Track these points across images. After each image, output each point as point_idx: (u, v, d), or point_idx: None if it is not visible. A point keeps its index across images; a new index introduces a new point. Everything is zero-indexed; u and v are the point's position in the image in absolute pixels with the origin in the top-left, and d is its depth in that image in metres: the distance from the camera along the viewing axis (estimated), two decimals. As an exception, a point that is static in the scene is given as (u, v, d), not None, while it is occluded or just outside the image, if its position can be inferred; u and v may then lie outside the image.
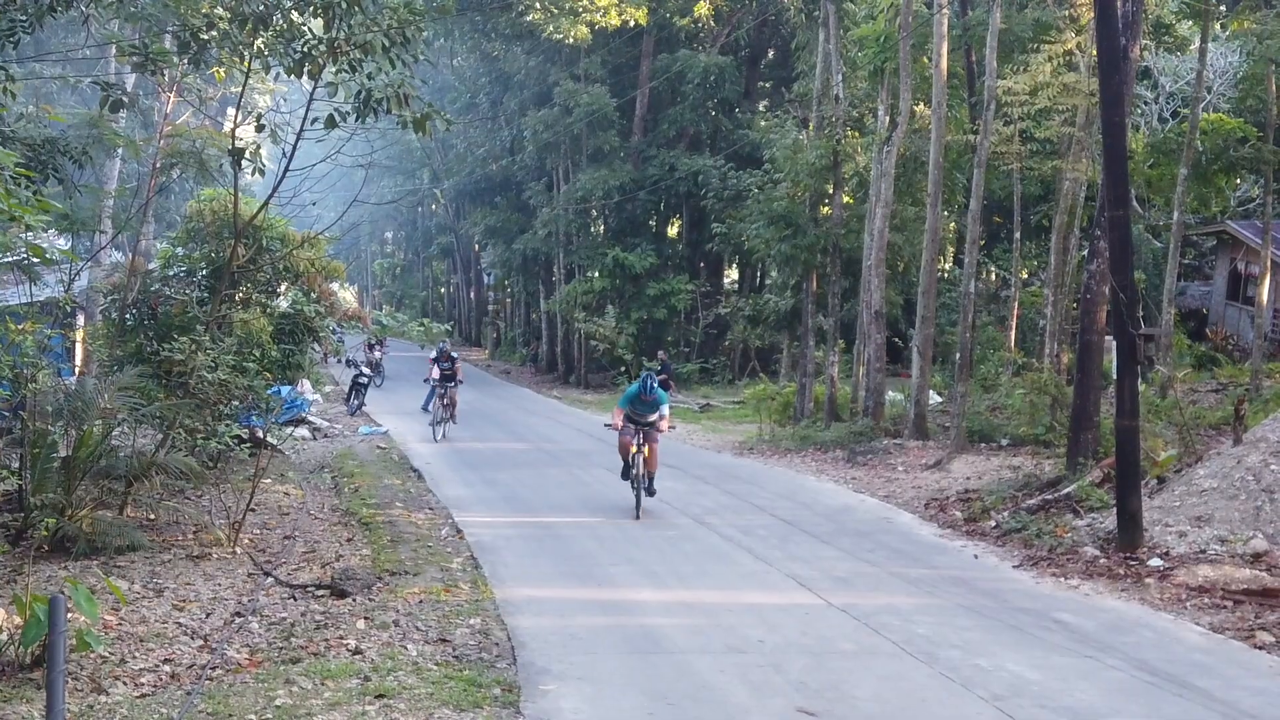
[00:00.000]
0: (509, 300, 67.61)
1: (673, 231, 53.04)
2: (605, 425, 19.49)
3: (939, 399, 30.07)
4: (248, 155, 16.57)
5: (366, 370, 36.88)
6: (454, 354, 30.22)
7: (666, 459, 25.12)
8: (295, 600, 12.79)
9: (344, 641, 10.93)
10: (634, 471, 18.43)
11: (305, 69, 15.57)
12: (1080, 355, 19.22)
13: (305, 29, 16.06)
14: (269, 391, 19.88)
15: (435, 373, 29.24)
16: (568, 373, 50.81)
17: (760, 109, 49.92)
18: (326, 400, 38.40)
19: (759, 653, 10.74)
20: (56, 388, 15.34)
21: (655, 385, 18.62)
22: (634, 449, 18.39)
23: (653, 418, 18.75)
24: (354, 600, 12.62)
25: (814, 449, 26.80)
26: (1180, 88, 29.07)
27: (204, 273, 21.16)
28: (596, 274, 48.34)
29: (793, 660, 10.50)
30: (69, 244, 19.39)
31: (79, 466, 14.78)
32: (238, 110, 18.42)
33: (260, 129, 16.39)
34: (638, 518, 17.80)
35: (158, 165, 20.23)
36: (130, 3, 15.94)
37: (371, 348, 43.65)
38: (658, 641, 11.25)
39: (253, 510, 16.69)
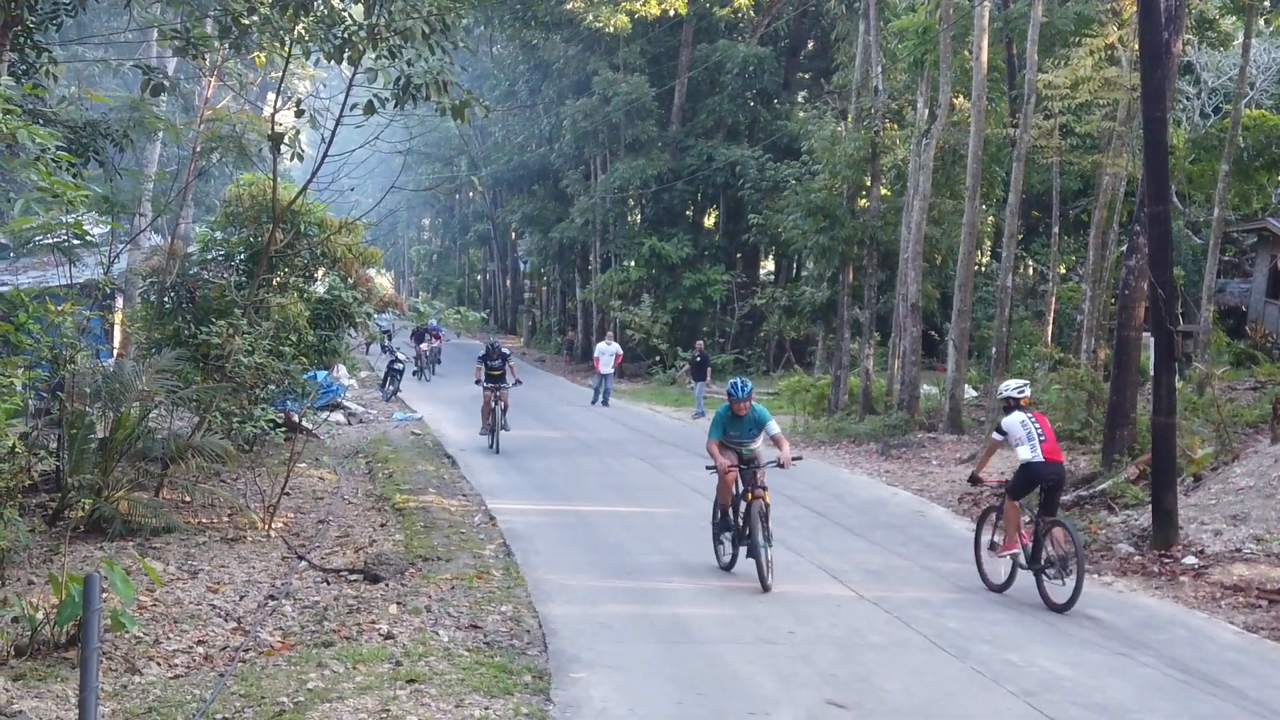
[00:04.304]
0: (545, 288, 67.67)
1: (709, 222, 52.92)
2: (708, 469, 13.84)
3: (974, 393, 29.93)
4: (287, 140, 16.66)
5: (402, 357, 37.02)
6: (505, 350, 25.71)
7: (697, 447, 25.11)
8: (328, 584, 12.87)
9: (376, 626, 10.98)
10: (743, 529, 13.31)
11: (345, 55, 15.65)
12: (1117, 351, 19.10)
13: (346, 15, 16.13)
14: (305, 376, 19.99)
15: (481, 373, 24.89)
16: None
17: (799, 100, 49.71)
18: (362, 385, 38.56)
19: (789, 644, 10.74)
20: (95, 369, 15.45)
21: (749, 390, 13.67)
22: (736, 495, 13.51)
23: (755, 444, 13.79)
24: (386, 585, 12.67)
25: (848, 441, 26.73)
26: (1223, 83, 28.81)
27: (242, 257, 21.25)
28: (633, 263, 48.27)
29: (822, 652, 10.50)
30: (109, 227, 19.51)
31: (116, 448, 14.90)
32: (277, 95, 18.55)
33: (300, 114, 16.47)
34: (767, 589, 12.75)
35: (197, 149, 20.32)
36: (172, -13, 16.05)
37: (420, 338, 43.65)
38: (688, 631, 11.26)
39: (287, 494, 16.80)
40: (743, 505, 13.30)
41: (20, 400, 11.99)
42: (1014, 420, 13.02)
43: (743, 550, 13.29)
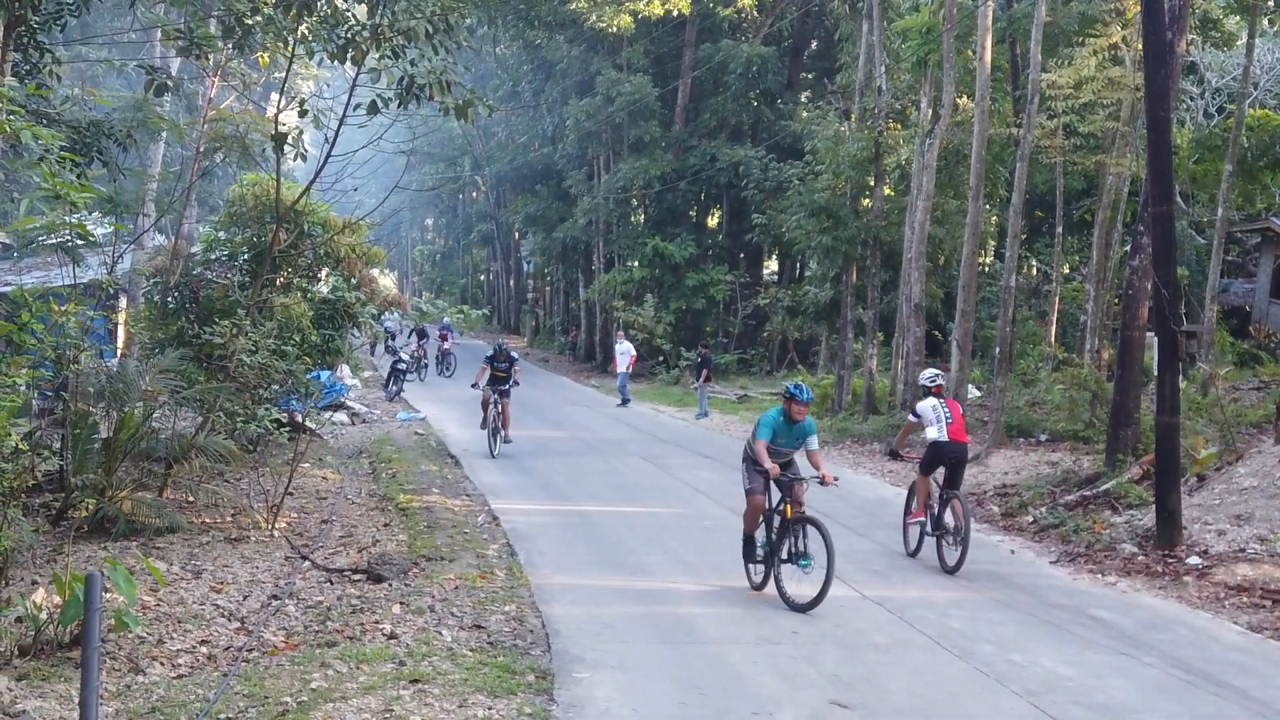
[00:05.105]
0: (548, 288, 67.61)
1: (713, 222, 52.90)
2: (755, 470, 12.53)
3: (978, 393, 29.92)
4: (290, 140, 16.67)
5: (406, 357, 37.06)
6: (514, 354, 24.83)
7: (701, 448, 25.14)
8: (332, 584, 12.87)
9: (379, 626, 10.98)
10: (778, 543, 12.41)
11: (348, 55, 15.66)
12: (1121, 351, 19.09)
13: (349, 15, 16.14)
14: (308, 376, 19.99)
15: (484, 375, 24.06)
16: (606, 361, 50.60)
17: (802, 100, 49.69)
18: (365, 385, 38.57)
19: (792, 644, 10.73)
20: (98, 369, 15.47)
21: (810, 396, 12.68)
22: (767, 512, 12.63)
23: (796, 453, 12.81)
24: (390, 585, 12.67)
25: (851, 441, 26.74)
26: (1226, 83, 28.79)
27: (245, 257, 21.27)
28: (636, 263, 48.22)
29: (826, 652, 10.49)
30: (112, 227, 19.56)
31: (119, 448, 14.91)
32: (281, 95, 18.52)
33: (303, 114, 16.50)
34: (797, 608, 11.95)
35: (201, 149, 20.36)
36: (176, -13, 16.06)
37: (422, 335, 43.71)
38: (691, 631, 11.25)
39: (291, 494, 16.80)
40: (776, 519, 12.44)
41: (24, 400, 11.99)
42: (926, 405, 14.81)
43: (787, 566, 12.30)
